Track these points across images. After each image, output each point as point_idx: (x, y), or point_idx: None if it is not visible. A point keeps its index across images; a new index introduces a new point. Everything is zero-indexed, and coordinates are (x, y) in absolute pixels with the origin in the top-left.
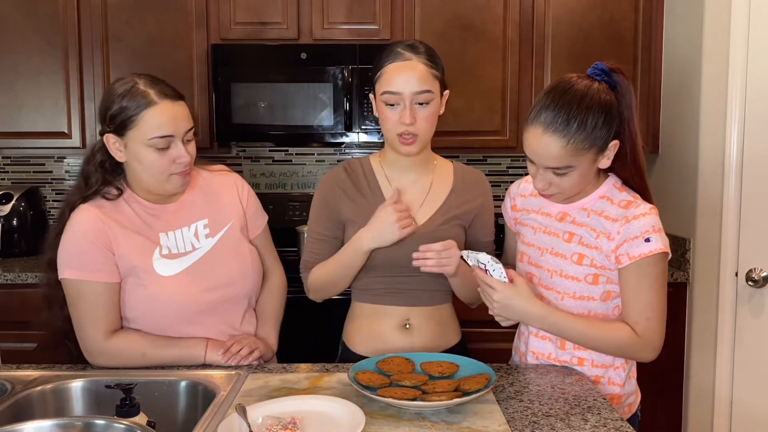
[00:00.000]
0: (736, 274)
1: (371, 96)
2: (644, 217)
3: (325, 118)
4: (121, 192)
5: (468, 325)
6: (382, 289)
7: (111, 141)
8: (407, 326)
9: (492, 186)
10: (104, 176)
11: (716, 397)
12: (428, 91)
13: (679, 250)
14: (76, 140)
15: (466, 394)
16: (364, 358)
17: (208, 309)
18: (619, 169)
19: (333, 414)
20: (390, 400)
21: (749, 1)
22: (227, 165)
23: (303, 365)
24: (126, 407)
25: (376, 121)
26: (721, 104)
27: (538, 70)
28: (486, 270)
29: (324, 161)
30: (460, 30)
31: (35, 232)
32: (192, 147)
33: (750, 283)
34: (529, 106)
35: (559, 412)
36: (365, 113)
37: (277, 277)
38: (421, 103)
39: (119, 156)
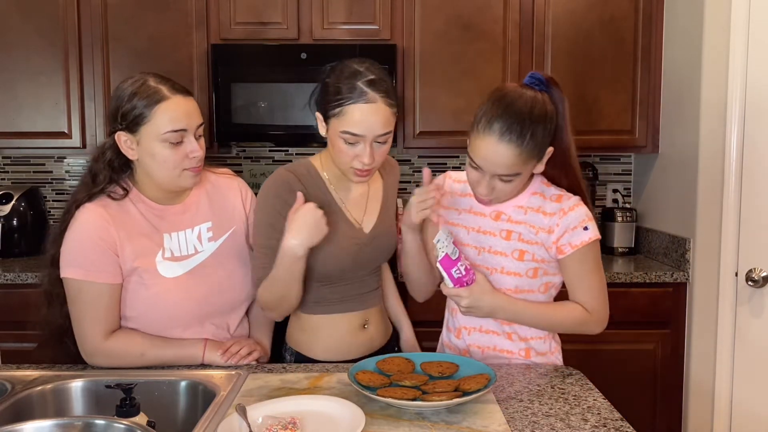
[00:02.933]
0: (736, 274)
1: (318, 116)
2: (578, 208)
3: None
4: (126, 192)
5: None
6: (338, 299)
7: (123, 139)
8: (366, 326)
9: None
10: (112, 175)
11: (716, 397)
12: (389, 133)
13: (679, 250)
14: (76, 140)
15: (466, 394)
16: (323, 364)
17: (207, 313)
18: (548, 169)
19: (333, 414)
20: (390, 400)
21: (749, 1)
22: (227, 165)
23: (303, 365)
24: (126, 407)
25: None
26: (721, 104)
27: (538, 70)
28: (443, 257)
29: None
30: (460, 30)
31: (35, 232)
32: (203, 143)
33: (750, 283)
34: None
35: (559, 412)
36: None
37: None
38: (380, 142)
39: (131, 154)
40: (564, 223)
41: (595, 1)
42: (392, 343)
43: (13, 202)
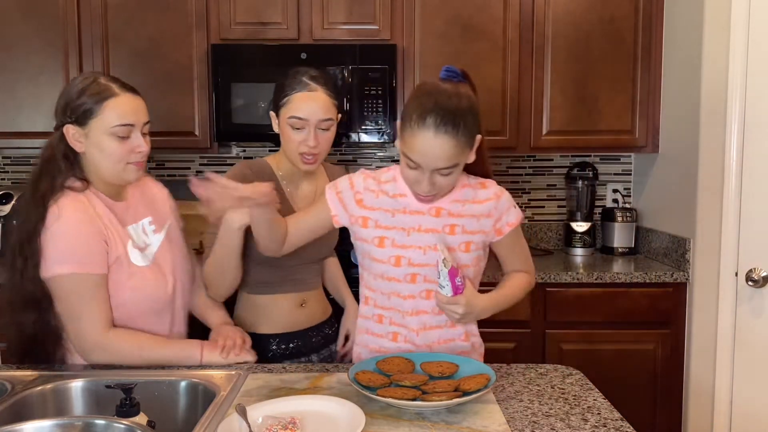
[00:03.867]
0: (736, 274)
1: (272, 114)
2: (504, 191)
3: None
4: (87, 184)
5: None
6: (279, 281)
7: (71, 132)
8: (303, 305)
9: None
10: (68, 167)
11: (716, 397)
12: (330, 119)
13: (679, 250)
14: None
15: (466, 394)
16: (270, 335)
17: (175, 299)
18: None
19: (333, 414)
20: (390, 400)
21: (749, 1)
22: (227, 165)
23: (303, 365)
24: (126, 407)
25: (376, 121)
26: (721, 104)
27: (538, 70)
28: (439, 268)
29: (324, 161)
30: (460, 30)
31: None
32: (148, 140)
33: (750, 283)
34: (529, 106)
35: (559, 412)
36: (365, 113)
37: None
38: (323, 129)
39: (78, 146)
40: (500, 206)
41: (595, 1)
42: (332, 320)
43: (13, 202)
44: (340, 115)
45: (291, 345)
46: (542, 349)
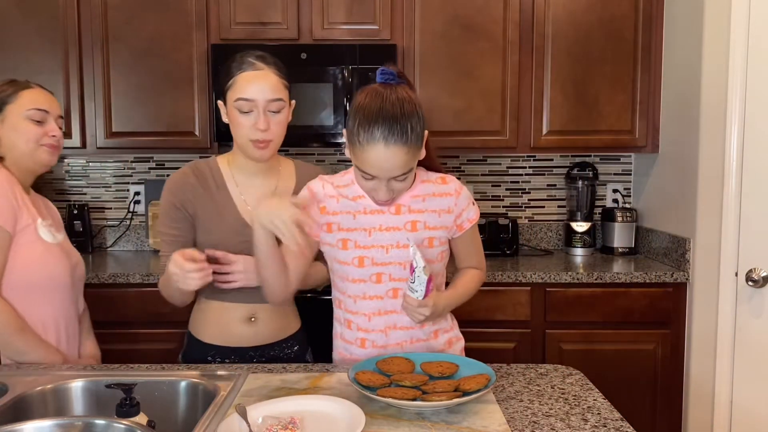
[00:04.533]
0: (736, 274)
1: (219, 103)
2: (463, 187)
3: (325, 118)
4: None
5: (468, 325)
6: (229, 291)
7: None
8: (252, 319)
9: (492, 186)
10: None
11: (716, 397)
12: (280, 99)
13: (679, 250)
14: (76, 140)
15: (466, 394)
16: (210, 345)
17: (73, 283)
18: None
19: (333, 414)
20: (390, 400)
21: (749, 2)
22: None
23: (303, 365)
24: (126, 407)
25: None
26: (721, 104)
27: (538, 70)
28: (413, 268)
29: (324, 161)
30: (460, 30)
31: None
32: (62, 134)
33: (750, 283)
34: (529, 106)
35: (559, 412)
36: None
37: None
38: (273, 111)
39: None
40: (460, 202)
41: (595, 1)
42: (290, 341)
43: None
44: (293, 102)
45: (227, 361)
46: (542, 349)
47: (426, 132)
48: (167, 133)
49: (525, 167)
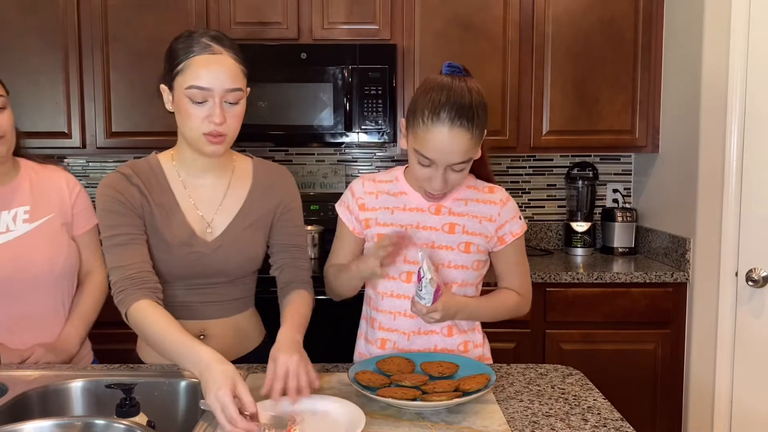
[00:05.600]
0: (736, 274)
1: (162, 87)
2: (511, 199)
3: (325, 118)
4: None
5: None
6: (177, 304)
7: None
8: (202, 337)
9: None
10: None
11: (716, 397)
12: (239, 89)
13: (679, 250)
14: (76, 140)
15: (466, 393)
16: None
17: (5, 290)
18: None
19: (333, 414)
20: (390, 400)
21: (749, 1)
22: None
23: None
24: (126, 407)
25: (376, 121)
26: (721, 104)
27: (538, 69)
28: (420, 277)
29: (324, 161)
30: (460, 30)
31: None
32: (4, 118)
33: (750, 283)
34: (529, 106)
35: (559, 412)
36: (365, 113)
37: (97, 277)
38: (230, 102)
39: None
40: (505, 213)
41: (595, 1)
42: (249, 359)
43: None
44: (248, 89)
45: None
46: (542, 349)
47: (485, 131)
48: (167, 133)
49: (525, 167)
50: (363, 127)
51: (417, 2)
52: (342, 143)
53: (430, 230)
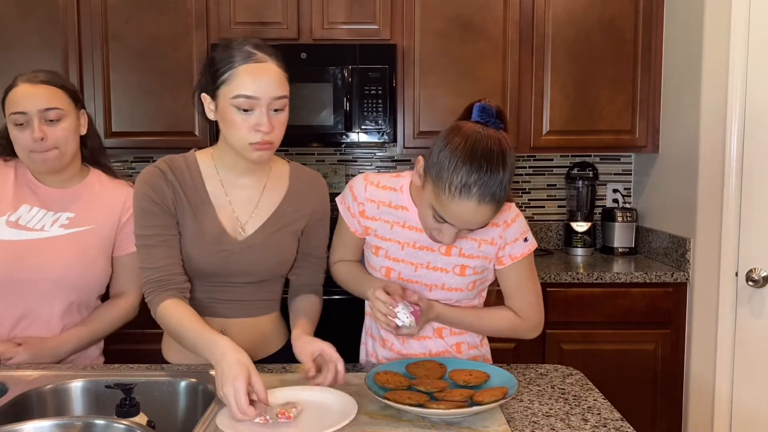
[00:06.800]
0: (736, 274)
1: (205, 97)
2: (519, 219)
3: (325, 118)
4: (14, 160)
5: None
6: (201, 300)
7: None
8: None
9: None
10: (3, 145)
11: (716, 397)
12: (285, 97)
13: (679, 250)
14: None
15: (474, 404)
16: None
17: (12, 285)
18: None
19: (328, 403)
20: (390, 401)
21: (749, 1)
22: None
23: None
24: (126, 407)
25: (376, 121)
26: (721, 104)
27: (538, 70)
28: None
29: (324, 161)
30: (460, 30)
31: None
32: (55, 128)
33: (750, 283)
34: (529, 106)
35: (559, 412)
36: (365, 113)
37: (128, 299)
38: (276, 110)
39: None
40: (507, 235)
41: (595, 1)
42: (267, 362)
43: None
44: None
45: None
46: (542, 349)
47: None
48: (167, 133)
49: (525, 167)
50: (363, 127)
51: (417, 2)
52: (342, 143)
53: (427, 250)
